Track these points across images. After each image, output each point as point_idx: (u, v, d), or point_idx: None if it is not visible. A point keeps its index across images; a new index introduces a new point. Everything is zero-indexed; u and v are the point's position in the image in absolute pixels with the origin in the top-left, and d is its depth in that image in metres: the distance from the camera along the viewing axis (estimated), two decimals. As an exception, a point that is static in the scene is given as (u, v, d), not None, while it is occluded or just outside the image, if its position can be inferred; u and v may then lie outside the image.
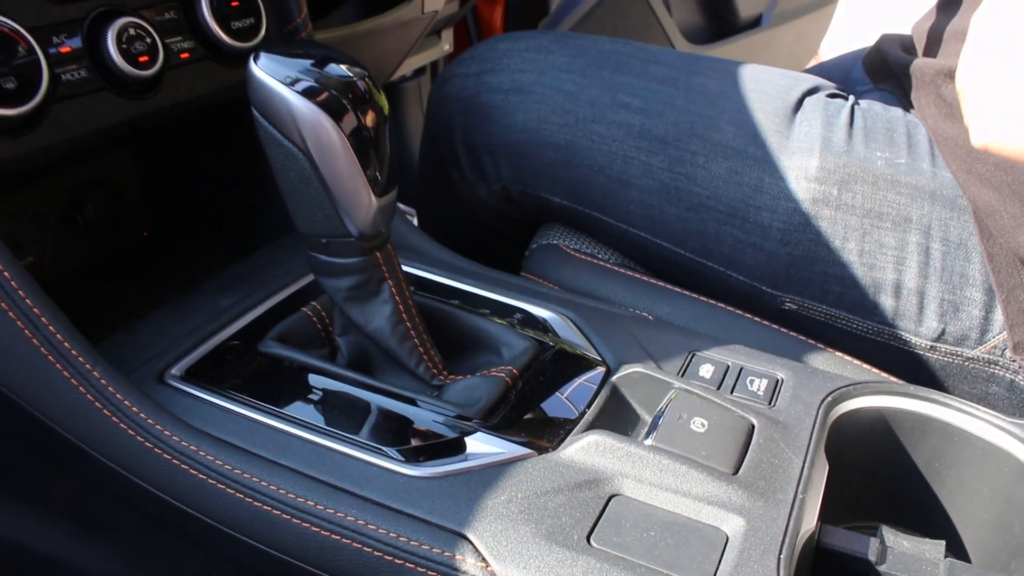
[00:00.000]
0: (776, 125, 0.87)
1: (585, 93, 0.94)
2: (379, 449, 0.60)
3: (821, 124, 0.87)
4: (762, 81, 0.92)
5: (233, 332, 0.72)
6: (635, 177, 0.91)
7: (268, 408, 0.63)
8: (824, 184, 0.84)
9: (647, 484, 0.57)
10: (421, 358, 0.67)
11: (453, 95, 1.03)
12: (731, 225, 0.88)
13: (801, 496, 0.58)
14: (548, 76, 0.97)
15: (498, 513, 0.55)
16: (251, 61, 0.60)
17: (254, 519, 0.57)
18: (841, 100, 0.90)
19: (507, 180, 1.00)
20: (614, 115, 0.92)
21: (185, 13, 0.76)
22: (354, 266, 0.65)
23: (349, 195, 0.62)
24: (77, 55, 0.68)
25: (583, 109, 0.94)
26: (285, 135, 0.60)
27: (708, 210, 0.89)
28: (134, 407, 0.60)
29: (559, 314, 0.76)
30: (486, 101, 0.99)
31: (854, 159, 0.84)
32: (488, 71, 1.00)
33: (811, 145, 0.85)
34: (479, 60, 1.02)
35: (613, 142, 0.92)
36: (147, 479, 0.60)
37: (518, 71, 0.98)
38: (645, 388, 0.67)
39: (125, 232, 0.92)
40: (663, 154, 0.90)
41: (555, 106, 0.95)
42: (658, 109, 0.91)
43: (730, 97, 0.90)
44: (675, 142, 0.90)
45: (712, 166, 0.88)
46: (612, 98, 0.93)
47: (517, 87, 0.97)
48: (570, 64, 0.97)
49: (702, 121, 0.89)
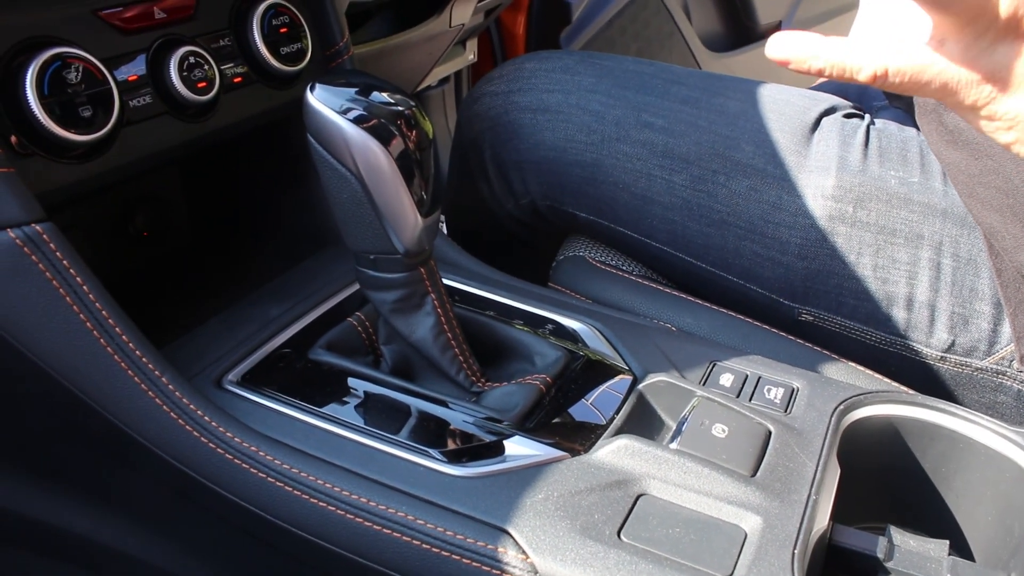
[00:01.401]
0: (794, 145, 0.91)
1: (610, 113, 0.98)
2: (424, 451, 0.65)
3: (838, 144, 0.90)
4: (781, 101, 0.96)
5: (284, 340, 0.77)
6: (658, 194, 0.96)
7: (320, 412, 0.68)
8: (840, 202, 0.88)
9: (672, 485, 0.62)
10: (461, 366, 0.72)
11: (482, 113, 1.07)
12: (751, 240, 0.92)
13: (814, 497, 0.62)
14: (575, 96, 1.01)
15: (536, 510, 0.60)
16: (307, 91, 0.65)
17: (310, 515, 0.62)
18: (857, 120, 0.94)
19: (535, 195, 1.04)
20: (638, 134, 0.97)
21: (238, 41, 0.81)
22: (399, 281, 0.70)
23: (397, 215, 0.67)
24: (142, 82, 0.73)
25: (608, 128, 0.98)
26: (339, 160, 0.65)
27: (728, 226, 0.92)
28: (199, 411, 0.65)
29: (588, 325, 0.81)
30: (515, 120, 1.03)
31: (869, 178, 0.88)
32: (516, 91, 1.04)
33: (828, 164, 0.89)
34: (507, 80, 1.06)
35: (637, 160, 0.96)
36: (211, 478, 0.65)
37: (546, 91, 1.03)
38: (669, 396, 0.72)
39: (173, 242, 0.97)
40: (685, 172, 0.94)
41: (581, 125, 0.99)
42: (681, 129, 0.95)
43: (750, 117, 0.94)
44: (697, 161, 0.94)
45: (732, 184, 0.92)
46: (636, 118, 0.97)
47: (545, 106, 1.02)
48: (596, 85, 1.01)
49: (723, 141, 0.93)
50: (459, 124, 1.13)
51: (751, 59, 2.28)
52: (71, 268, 0.63)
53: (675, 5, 2.04)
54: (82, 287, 0.63)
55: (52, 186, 0.67)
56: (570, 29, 1.88)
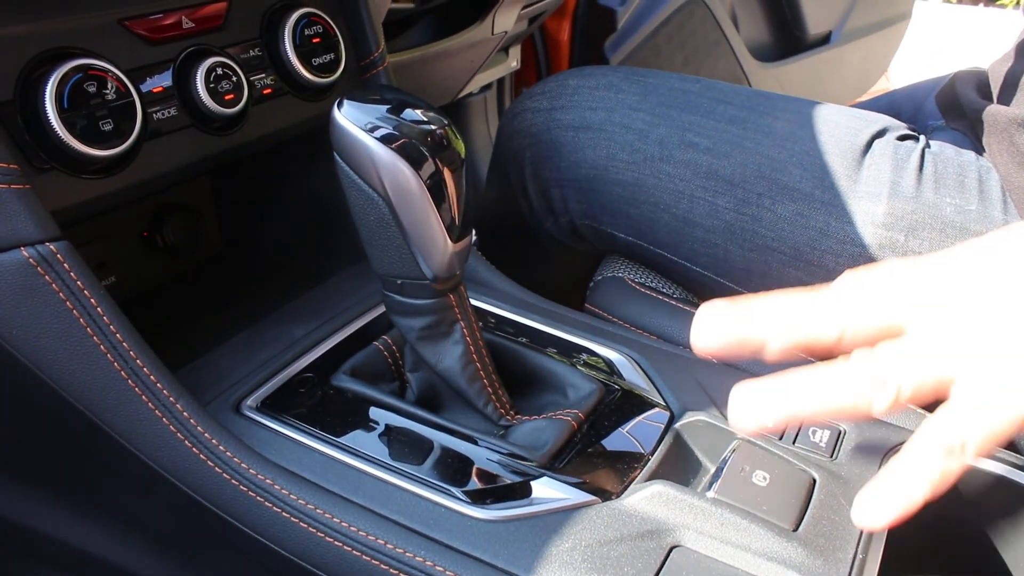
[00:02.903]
0: (844, 168, 0.87)
1: (654, 132, 0.96)
2: (447, 490, 0.61)
3: (890, 168, 0.86)
4: (831, 123, 0.92)
5: (306, 364, 0.74)
6: (700, 217, 0.92)
7: (340, 443, 0.65)
8: (891, 230, 0.84)
9: (708, 537, 0.58)
10: (489, 398, 0.69)
11: (523, 129, 1.04)
12: (795, 267, 0.88)
13: (861, 556, 0.58)
14: (618, 114, 0.98)
15: (562, 560, 0.56)
16: (335, 108, 0.62)
17: (326, 554, 0.60)
18: (912, 142, 0.90)
19: (574, 214, 1.02)
20: (682, 154, 0.93)
21: (268, 51, 0.79)
22: (427, 307, 0.67)
23: (425, 240, 0.64)
24: (168, 94, 0.71)
25: (651, 148, 0.95)
26: (366, 180, 0.62)
27: (772, 251, 0.89)
28: (214, 439, 0.62)
29: (624, 355, 0.77)
30: (556, 137, 1.01)
31: (922, 205, 0.84)
32: (559, 108, 1.02)
33: (879, 190, 0.85)
34: (550, 96, 1.04)
35: (680, 181, 0.93)
36: (225, 509, 0.62)
37: (588, 108, 1.00)
38: (708, 437, 0.68)
39: (201, 255, 0.95)
40: (729, 195, 0.91)
41: (624, 144, 0.96)
42: (725, 150, 0.92)
43: (798, 139, 0.90)
44: (742, 183, 0.90)
45: (778, 208, 0.89)
46: (680, 137, 0.94)
47: (587, 124, 0.99)
48: (640, 103, 0.98)
49: (769, 163, 0.90)
50: (499, 138, 1.11)
51: (800, 69, 2.22)
52: (85, 289, 0.60)
53: (722, 13, 1.99)
54: (96, 308, 0.61)
55: (70, 202, 0.65)
56: (615, 37, 1.84)
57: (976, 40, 0.88)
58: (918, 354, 0.49)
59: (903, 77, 2.54)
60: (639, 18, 1.88)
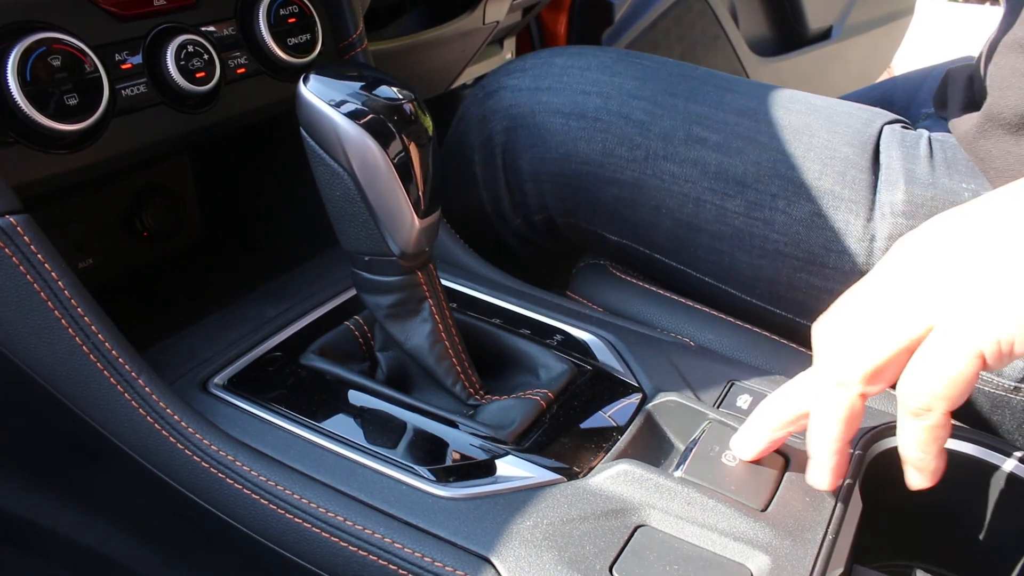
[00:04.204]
0: (863, 160, 0.82)
1: (657, 125, 0.87)
2: (411, 468, 0.61)
3: (901, 156, 0.82)
4: (844, 114, 0.87)
5: (276, 343, 0.73)
6: (706, 222, 0.86)
7: (305, 421, 0.65)
8: (911, 219, 0.79)
9: (674, 516, 0.57)
10: (458, 377, 0.68)
11: (500, 109, 0.95)
12: (808, 272, 0.83)
13: (831, 536, 0.57)
14: (615, 102, 0.89)
15: (523, 538, 0.55)
16: (300, 82, 0.62)
17: (285, 530, 0.59)
18: (916, 132, 0.85)
19: (554, 211, 0.95)
20: (688, 152, 0.86)
21: (243, 30, 0.78)
22: (395, 284, 0.66)
23: (392, 215, 0.63)
24: (137, 71, 0.70)
25: (654, 144, 0.87)
26: (331, 155, 0.62)
27: (784, 257, 0.83)
28: (176, 415, 0.62)
29: (599, 337, 0.76)
30: (543, 123, 0.91)
31: (941, 191, 0.79)
32: (546, 88, 0.93)
33: (895, 178, 0.81)
34: (533, 74, 0.95)
35: (686, 183, 0.86)
36: (186, 484, 0.62)
37: (582, 92, 0.91)
38: (680, 417, 0.67)
39: (180, 238, 0.94)
40: (740, 197, 0.84)
41: (623, 138, 0.88)
42: (738, 146, 0.85)
43: (814, 132, 0.84)
44: (754, 184, 0.84)
45: (793, 210, 0.83)
46: (687, 132, 0.86)
47: (580, 111, 0.90)
48: (640, 89, 0.90)
49: (785, 160, 0.83)
50: (462, 119, 1.01)
51: (800, 65, 2.20)
52: (46, 263, 0.60)
53: (721, 8, 1.97)
54: (57, 282, 0.60)
55: (36, 176, 0.64)
56: (612, 30, 1.83)
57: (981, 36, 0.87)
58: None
59: (906, 74, 2.51)
60: (636, 11, 1.87)
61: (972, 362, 0.49)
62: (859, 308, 0.55)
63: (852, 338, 0.54)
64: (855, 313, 0.55)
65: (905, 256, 0.54)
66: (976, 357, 0.49)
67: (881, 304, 0.53)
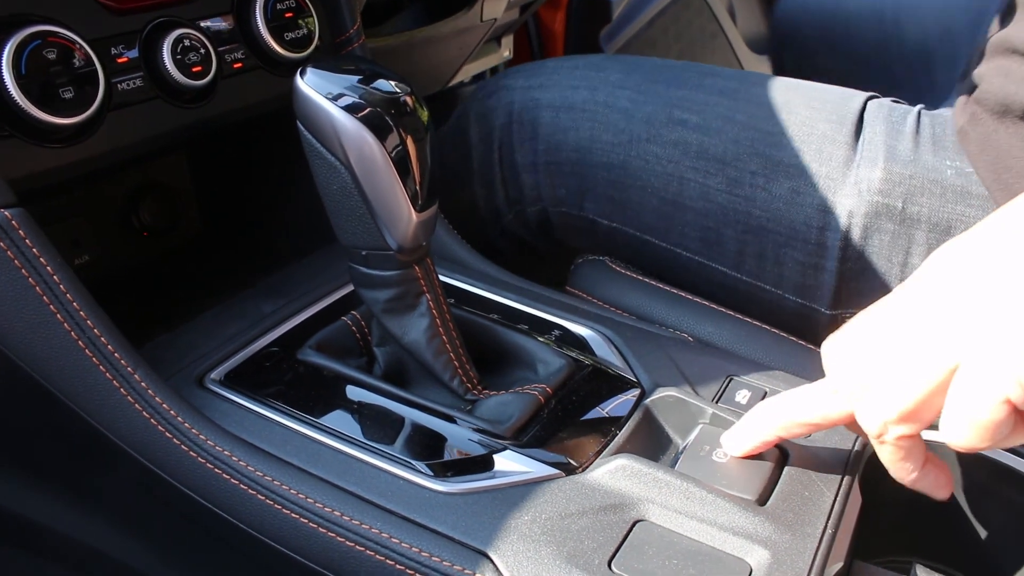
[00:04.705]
0: (842, 136, 0.83)
1: (640, 111, 0.91)
2: (408, 463, 0.60)
3: (885, 132, 0.82)
4: (824, 90, 0.88)
5: (273, 339, 0.73)
6: (691, 199, 0.89)
7: (302, 416, 0.64)
8: (888, 197, 0.80)
9: (672, 511, 0.57)
10: (456, 372, 0.68)
11: (498, 107, 1.00)
12: (791, 247, 0.84)
13: (831, 531, 0.57)
14: (602, 92, 0.94)
15: (521, 533, 0.55)
16: (297, 76, 0.61)
17: (282, 526, 0.58)
18: (906, 106, 0.86)
19: (548, 201, 0.98)
20: (670, 133, 0.89)
21: (239, 24, 0.78)
22: (392, 279, 0.66)
23: (389, 209, 0.62)
24: (133, 65, 0.70)
25: (638, 128, 0.91)
26: (328, 148, 0.61)
27: (768, 232, 0.85)
28: (171, 410, 0.61)
29: (597, 332, 0.76)
30: (535, 117, 0.96)
31: (921, 169, 0.79)
32: (538, 86, 0.98)
33: (875, 155, 0.81)
34: (527, 75, 1.00)
35: (668, 163, 0.89)
36: (182, 480, 0.61)
37: (570, 87, 0.96)
38: (678, 412, 0.67)
39: (178, 234, 0.94)
40: (721, 175, 0.87)
41: (608, 124, 0.92)
42: (717, 125, 0.88)
43: (792, 109, 0.86)
44: (734, 162, 0.86)
45: (773, 187, 0.85)
46: (668, 115, 0.90)
47: (568, 104, 0.95)
48: (624, 80, 0.94)
49: (763, 138, 0.85)
50: (463, 116, 1.04)
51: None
52: (41, 256, 0.59)
53: (719, 6, 1.97)
54: (52, 276, 0.60)
55: (31, 170, 0.64)
56: (610, 28, 1.83)
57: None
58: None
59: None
60: (634, 9, 1.86)
61: (999, 408, 0.45)
62: (880, 339, 0.51)
63: (878, 376, 0.51)
64: (877, 344, 0.52)
65: (929, 280, 0.51)
66: (1003, 403, 0.45)
67: (904, 337, 0.50)
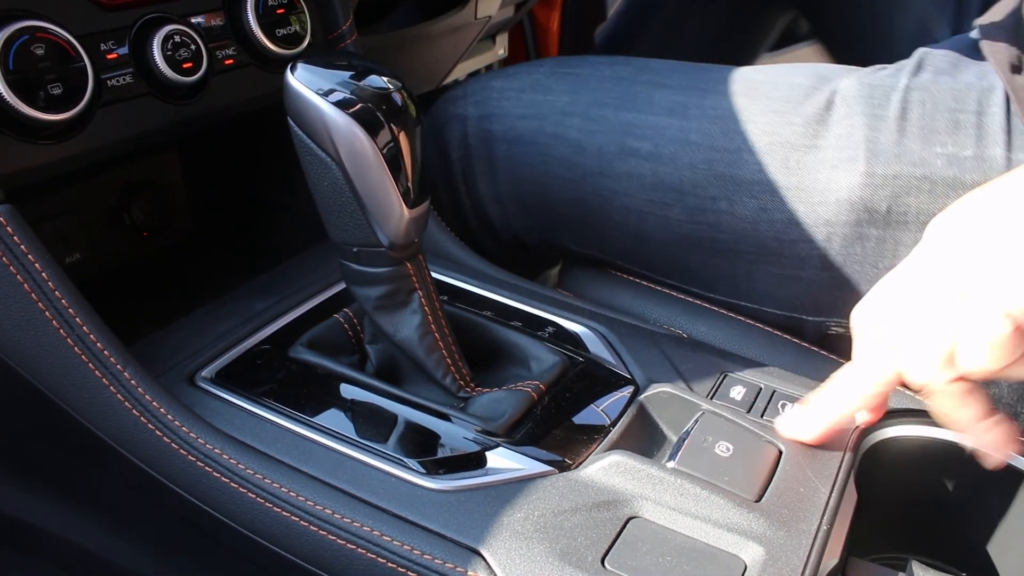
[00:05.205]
0: (808, 138, 0.77)
1: (590, 143, 0.87)
2: (400, 460, 0.60)
3: (864, 123, 0.75)
4: (784, 86, 0.81)
5: (265, 336, 0.72)
6: (652, 231, 0.85)
7: (293, 414, 0.64)
8: (870, 202, 0.74)
9: (667, 508, 0.56)
10: (448, 369, 0.67)
11: (453, 141, 0.96)
12: (764, 263, 0.81)
13: (826, 527, 0.56)
14: (550, 123, 0.89)
15: (513, 530, 0.54)
16: (288, 71, 0.61)
17: (273, 524, 0.58)
18: (890, 79, 0.78)
19: (518, 229, 0.95)
20: (622, 165, 0.85)
21: (231, 20, 0.77)
22: (384, 276, 0.65)
23: (381, 206, 0.62)
24: (123, 61, 0.69)
25: (590, 162, 0.87)
26: (319, 145, 0.61)
27: (737, 254, 0.82)
28: (162, 408, 0.61)
29: (591, 329, 0.75)
30: (490, 151, 0.93)
31: (907, 164, 0.73)
32: (487, 116, 0.93)
33: (853, 154, 0.75)
34: (476, 102, 0.95)
35: (625, 197, 0.85)
36: (172, 479, 0.61)
37: (519, 117, 0.91)
38: (673, 408, 0.66)
39: (170, 233, 0.94)
40: (680, 205, 0.82)
41: (561, 159, 0.88)
42: (670, 151, 0.83)
43: (749, 116, 0.80)
44: (692, 190, 0.82)
45: (737, 209, 0.80)
46: (619, 144, 0.85)
47: (519, 137, 0.91)
48: (571, 105, 0.89)
49: (721, 158, 0.80)
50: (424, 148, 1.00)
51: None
52: (30, 254, 0.59)
53: (716, 3, 1.96)
54: (41, 274, 0.59)
55: (20, 167, 0.64)
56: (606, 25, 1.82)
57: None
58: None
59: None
60: (630, 6, 1.86)
61: (1004, 323, 0.49)
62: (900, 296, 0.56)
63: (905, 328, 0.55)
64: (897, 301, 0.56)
65: (937, 239, 0.55)
66: (1006, 317, 0.49)
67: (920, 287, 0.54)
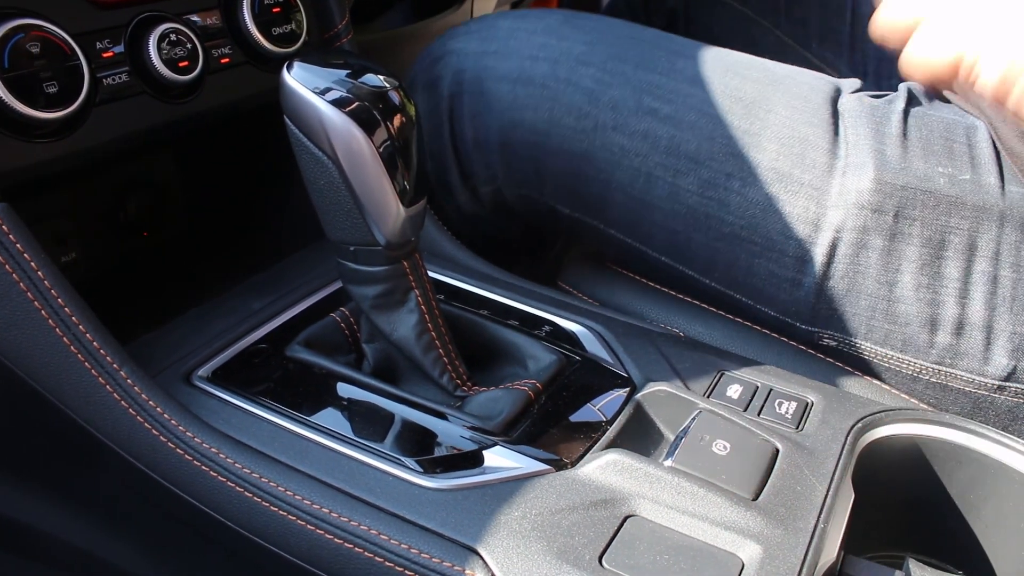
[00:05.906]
0: (824, 141, 0.77)
1: (606, 94, 0.82)
2: (397, 459, 0.60)
3: (870, 133, 0.76)
4: (804, 85, 0.80)
5: (261, 335, 0.72)
6: (659, 199, 0.81)
7: (290, 413, 0.64)
8: (879, 210, 0.73)
9: (664, 506, 0.56)
10: (445, 368, 0.67)
11: (447, 75, 0.89)
12: (767, 259, 0.78)
13: (823, 525, 0.56)
14: (563, 68, 0.84)
15: (511, 529, 0.54)
16: (284, 70, 0.61)
17: (270, 523, 0.58)
18: (885, 103, 0.78)
19: (503, 182, 0.89)
20: (638, 123, 0.81)
21: (227, 19, 0.77)
22: (381, 274, 0.65)
23: (377, 204, 0.62)
24: (119, 60, 0.69)
25: (603, 114, 0.82)
26: (315, 143, 0.61)
27: (741, 241, 0.79)
28: (158, 407, 0.61)
29: (588, 328, 0.75)
30: (489, 89, 0.86)
31: (913, 178, 0.73)
32: (492, 52, 0.87)
33: (863, 160, 0.74)
34: (479, 37, 0.89)
35: (636, 157, 0.81)
36: (168, 478, 0.61)
37: (529, 57, 0.85)
38: (669, 407, 0.66)
39: (166, 232, 0.93)
40: (693, 175, 0.79)
41: (571, 106, 0.83)
42: (690, 119, 0.80)
43: (771, 106, 0.79)
44: (708, 161, 0.79)
45: (749, 192, 0.78)
46: (637, 101, 0.81)
47: (527, 77, 0.85)
48: (589, 55, 0.84)
49: (741, 137, 0.78)
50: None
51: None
52: (25, 252, 0.59)
53: (712, 2, 1.96)
54: (36, 272, 0.59)
55: (16, 165, 0.63)
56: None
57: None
58: None
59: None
60: (626, 5, 1.86)
61: None
62: None
63: None
64: None
65: None
66: None
67: None
